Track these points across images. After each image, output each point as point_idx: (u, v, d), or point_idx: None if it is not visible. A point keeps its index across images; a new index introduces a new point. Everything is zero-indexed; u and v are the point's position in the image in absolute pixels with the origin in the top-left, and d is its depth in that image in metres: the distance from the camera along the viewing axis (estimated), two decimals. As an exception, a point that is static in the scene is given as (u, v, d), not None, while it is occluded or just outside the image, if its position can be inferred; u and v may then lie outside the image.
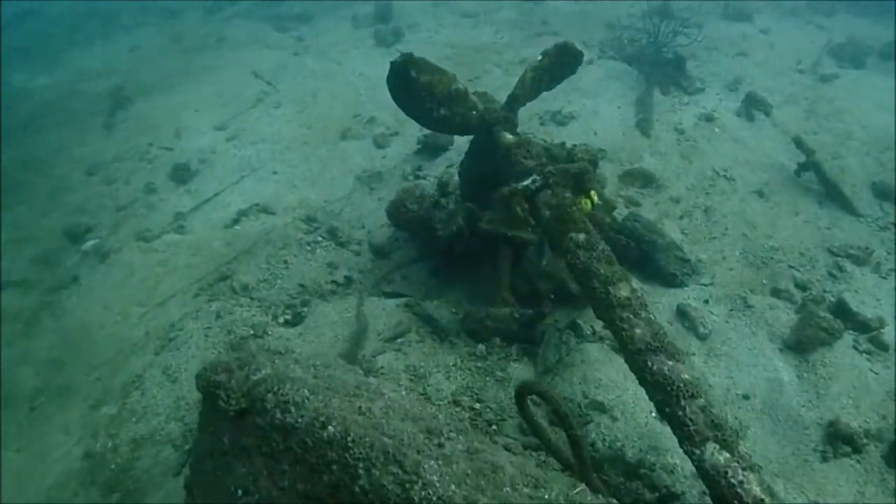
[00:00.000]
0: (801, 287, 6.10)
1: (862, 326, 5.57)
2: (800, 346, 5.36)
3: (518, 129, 5.52)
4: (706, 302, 5.91)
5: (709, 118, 8.39)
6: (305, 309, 5.68)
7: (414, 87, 5.26)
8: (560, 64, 5.68)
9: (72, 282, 6.50)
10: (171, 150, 8.32)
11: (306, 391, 2.61)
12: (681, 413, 3.21)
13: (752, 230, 6.76)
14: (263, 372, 2.73)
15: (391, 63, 5.22)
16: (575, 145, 6.01)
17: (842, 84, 9.60)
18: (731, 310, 5.89)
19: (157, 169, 7.99)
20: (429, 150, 7.93)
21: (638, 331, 3.63)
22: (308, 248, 6.44)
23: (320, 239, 6.65)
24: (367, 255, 6.61)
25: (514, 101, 5.51)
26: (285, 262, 6.24)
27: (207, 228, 6.93)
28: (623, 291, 4.08)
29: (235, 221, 6.94)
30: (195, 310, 5.74)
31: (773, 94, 9.09)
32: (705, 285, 6.09)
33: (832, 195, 7.20)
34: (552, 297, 5.71)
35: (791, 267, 6.31)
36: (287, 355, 3.19)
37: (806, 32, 11.67)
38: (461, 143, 7.59)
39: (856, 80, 9.77)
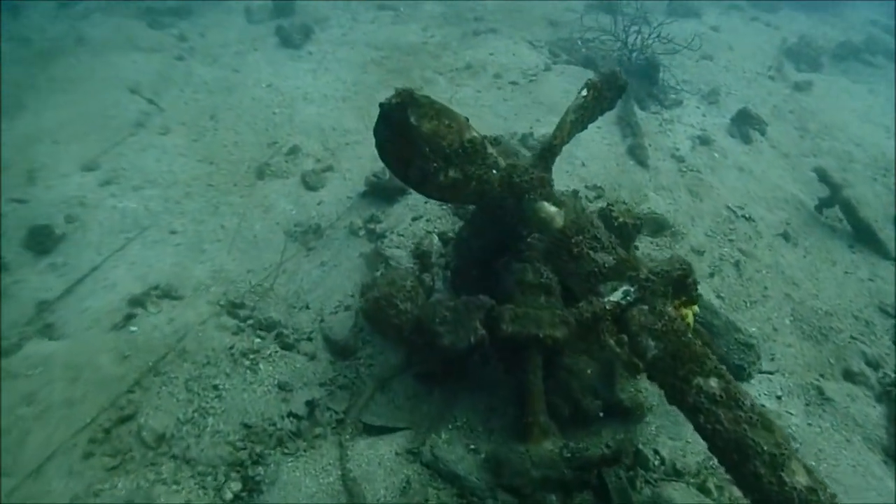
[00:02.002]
0: (873, 365, 5.17)
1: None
2: (907, 456, 4.38)
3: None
4: (779, 398, 4.78)
5: (704, 141, 7.35)
6: (261, 471, 3.90)
7: (414, 139, 3.62)
8: (602, 98, 4.24)
9: None
10: (23, 204, 5.99)
11: None
12: None
13: (794, 289, 5.75)
14: None
15: (382, 106, 3.55)
16: (611, 206, 4.62)
17: (817, 92, 8.98)
18: (807, 405, 4.83)
19: (6, 233, 5.68)
20: (380, 192, 6.24)
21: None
22: (245, 361, 4.59)
23: (258, 340, 4.81)
24: (325, 354, 4.88)
25: (551, 153, 4.01)
26: (215, 388, 4.38)
27: (88, 330, 4.86)
28: (801, 478, 2.77)
29: (129, 318, 4.92)
30: (88, 487, 3.78)
31: (754, 106, 8.24)
32: (770, 373, 4.97)
33: (862, 236, 6.37)
34: (601, 414, 4.34)
35: (854, 339, 5.36)
36: None
37: (757, 31, 11.08)
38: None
39: (828, 89, 9.19)
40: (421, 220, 5.81)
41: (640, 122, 7.49)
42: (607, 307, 3.21)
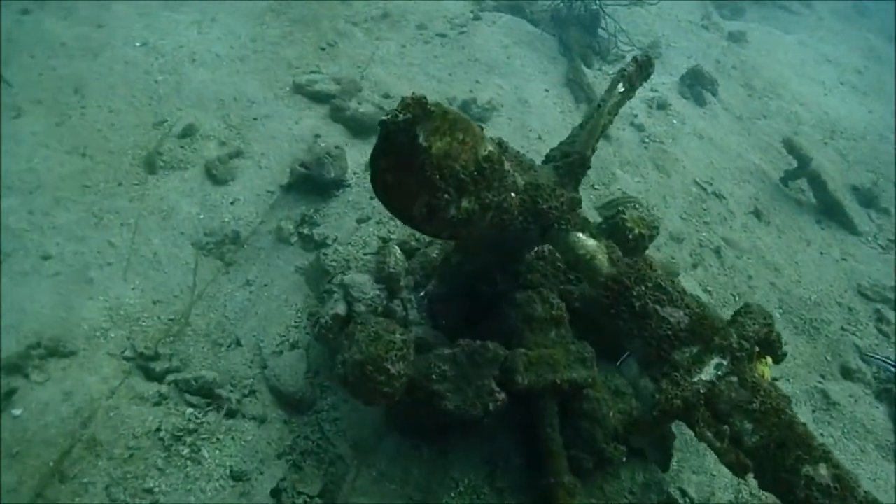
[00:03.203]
0: (864, 357, 5.01)
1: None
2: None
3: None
4: (790, 411, 4.47)
5: (661, 105, 6.86)
6: None
7: (422, 164, 2.68)
8: (633, 90, 3.47)
9: None
10: None
11: None
12: None
13: (777, 276, 5.47)
14: None
15: (384, 125, 2.56)
16: (622, 212, 3.94)
17: (753, 45, 8.76)
18: (814, 411, 4.59)
19: None
20: (310, 186, 5.19)
21: None
22: (181, 448, 3.57)
23: (190, 411, 3.79)
24: (277, 412, 4.00)
25: (582, 167, 3.23)
26: (148, 492, 3.35)
27: (-63, 422, 3.59)
28: None
29: (7, 397, 3.68)
30: None
31: (696, 60, 7.83)
32: (775, 380, 4.64)
33: (829, 210, 6.21)
34: (624, 459, 3.80)
35: (844, 330, 5.19)
36: None
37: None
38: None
39: (762, 41, 9.01)
40: (369, 222, 4.88)
41: (592, 84, 6.82)
42: (701, 390, 2.55)
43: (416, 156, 2.65)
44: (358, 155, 5.46)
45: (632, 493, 3.83)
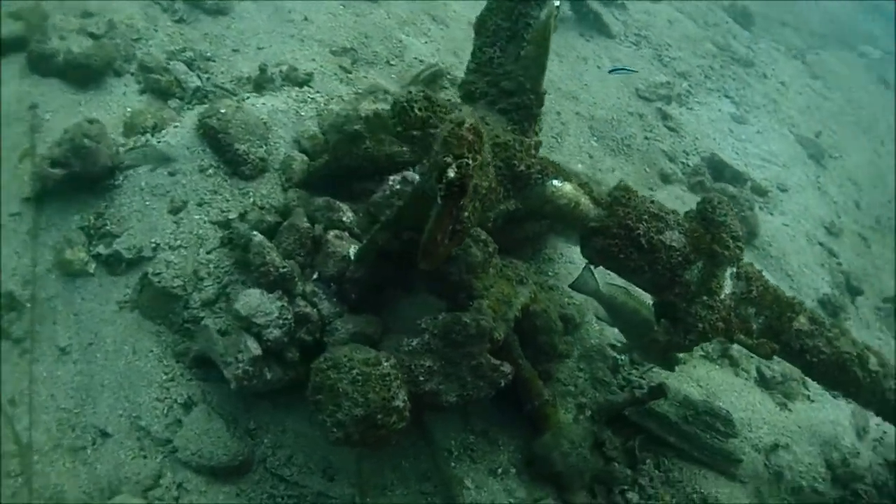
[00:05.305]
0: (669, 157, 5.73)
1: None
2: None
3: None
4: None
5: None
6: None
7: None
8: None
9: None
10: None
11: None
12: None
13: (576, 103, 5.80)
14: None
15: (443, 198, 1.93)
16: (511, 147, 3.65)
17: None
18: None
19: None
20: (73, 186, 3.78)
21: None
22: None
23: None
24: (216, 492, 3.39)
25: (540, 106, 2.90)
26: None
27: None
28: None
29: None
30: None
31: None
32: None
33: (585, 20, 6.56)
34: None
35: (647, 139, 5.79)
36: None
37: None
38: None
39: None
40: (187, 208, 3.83)
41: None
42: (731, 304, 2.67)
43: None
44: (107, 115, 4.06)
45: (580, 369, 4.10)
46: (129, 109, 4.16)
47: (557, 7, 2.72)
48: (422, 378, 3.06)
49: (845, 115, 7.81)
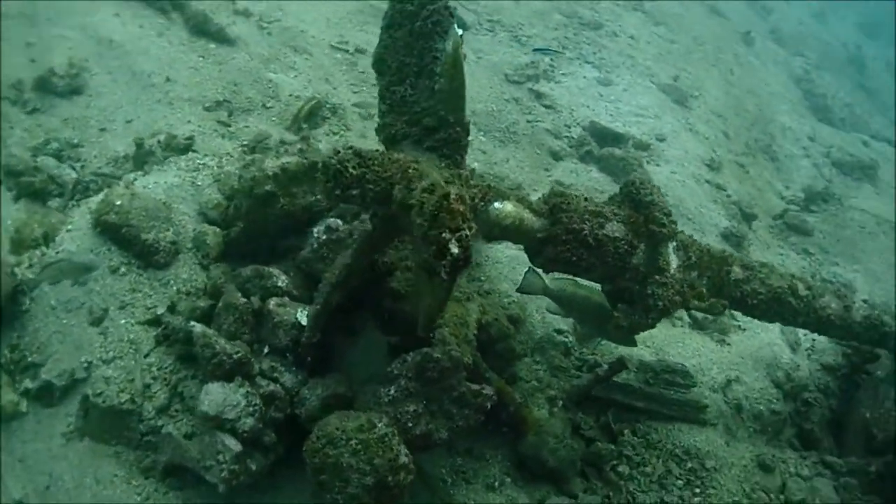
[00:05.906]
0: (554, 135, 6.00)
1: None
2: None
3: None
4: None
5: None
6: None
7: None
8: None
9: None
10: None
11: None
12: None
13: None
14: None
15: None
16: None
17: None
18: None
19: None
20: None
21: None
22: None
23: None
24: None
25: (467, 136, 2.98)
26: None
27: None
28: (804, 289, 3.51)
29: None
30: None
31: None
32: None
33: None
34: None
35: (529, 122, 6.01)
36: None
37: None
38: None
39: None
40: (108, 315, 3.62)
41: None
42: (681, 277, 2.89)
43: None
44: None
45: (537, 362, 4.26)
46: (9, 223, 3.82)
47: (461, 36, 2.78)
48: (410, 424, 3.08)
49: (693, 53, 8.45)
